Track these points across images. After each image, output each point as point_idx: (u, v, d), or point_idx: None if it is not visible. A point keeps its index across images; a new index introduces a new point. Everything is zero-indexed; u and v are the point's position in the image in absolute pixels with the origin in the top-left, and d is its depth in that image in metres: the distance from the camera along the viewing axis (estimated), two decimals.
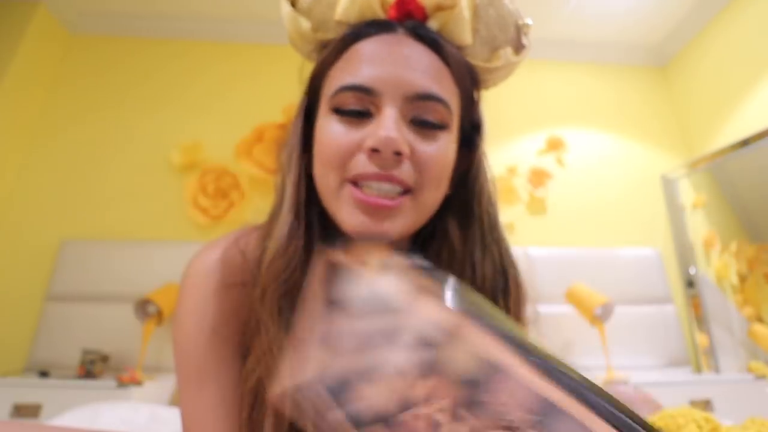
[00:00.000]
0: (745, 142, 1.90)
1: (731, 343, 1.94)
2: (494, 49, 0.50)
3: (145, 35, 2.28)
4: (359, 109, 0.42)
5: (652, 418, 0.41)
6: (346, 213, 0.42)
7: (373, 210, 0.41)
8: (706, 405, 1.44)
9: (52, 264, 1.84)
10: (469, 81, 0.48)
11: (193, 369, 0.43)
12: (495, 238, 0.50)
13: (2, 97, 1.88)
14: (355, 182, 0.41)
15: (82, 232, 1.92)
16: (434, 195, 0.44)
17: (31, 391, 1.36)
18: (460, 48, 0.47)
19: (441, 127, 0.43)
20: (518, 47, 0.50)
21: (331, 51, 0.46)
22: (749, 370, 1.77)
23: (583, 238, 2.15)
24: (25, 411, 1.31)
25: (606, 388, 0.56)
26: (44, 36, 2.10)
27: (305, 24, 0.48)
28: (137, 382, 1.42)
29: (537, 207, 2.20)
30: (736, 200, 2.06)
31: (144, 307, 1.65)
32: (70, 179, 2.00)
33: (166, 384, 1.55)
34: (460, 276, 0.47)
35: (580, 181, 2.26)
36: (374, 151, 0.40)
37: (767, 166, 1.87)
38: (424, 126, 0.42)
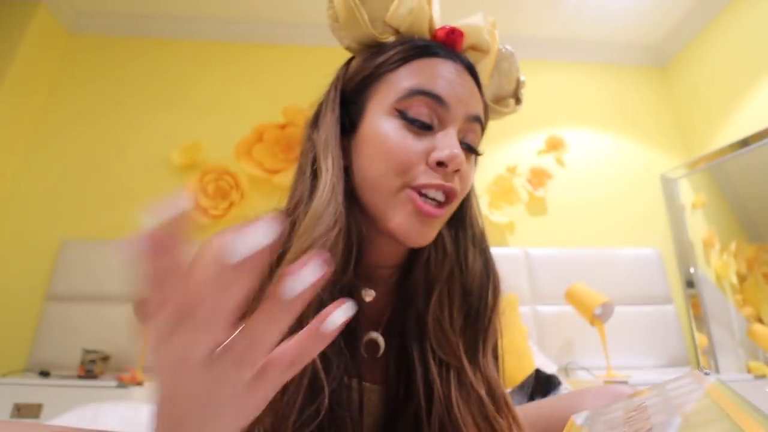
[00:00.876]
0: (744, 142, 1.91)
1: (731, 343, 1.94)
2: (497, 96, 0.57)
3: (145, 36, 2.28)
4: (427, 121, 0.45)
5: None
6: (401, 216, 0.45)
7: (425, 218, 0.45)
8: None
9: (53, 264, 1.84)
10: (486, 115, 0.53)
11: None
12: (483, 242, 0.55)
13: (2, 98, 1.88)
14: (418, 190, 0.45)
15: (82, 232, 1.92)
16: (455, 206, 0.49)
17: (31, 390, 1.36)
18: None
19: (476, 151, 0.50)
20: (517, 100, 0.58)
21: (394, 57, 0.48)
22: (749, 370, 1.78)
23: (582, 238, 2.15)
24: (25, 411, 1.32)
25: (605, 387, 0.56)
26: (44, 36, 2.10)
27: (366, 14, 0.49)
28: (138, 382, 1.42)
29: (537, 207, 2.20)
30: (736, 200, 2.06)
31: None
32: (71, 179, 2.00)
33: None
34: (453, 273, 0.51)
35: (580, 181, 2.26)
36: (440, 164, 0.44)
37: (767, 166, 1.87)
38: (467, 148, 0.48)
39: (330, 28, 0.52)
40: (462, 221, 0.54)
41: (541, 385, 1.12)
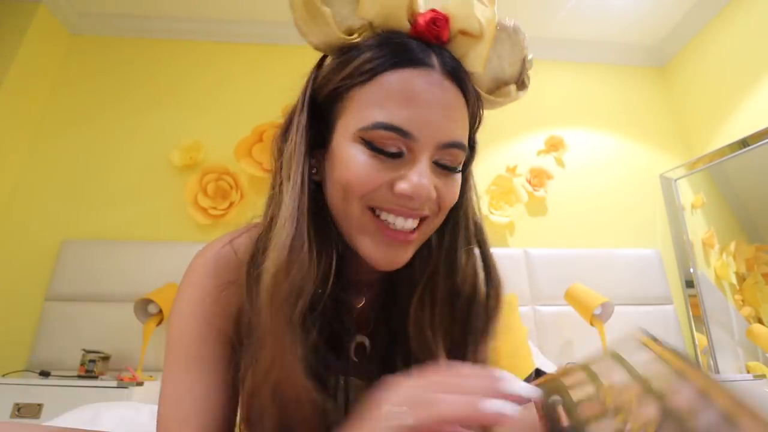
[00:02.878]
0: (744, 143, 1.91)
1: (730, 343, 1.94)
2: (498, 81, 0.50)
3: (145, 35, 2.29)
4: (394, 151, 0.41)
5: None
6: (368, 243, 0.44)
7: (395, 244, 0.43)
8: None
9: (53, 264, 1.84)
10: (478, 109, 0.49)
11: (182, 352, 0.45)
12: (480, 242, 0.52)
13: (3, 98, 1.89)
14: (374, 209, 0.43)
15: (82, 232, 1.92)
16: (440, 221, 0.47)
17: (31, 390, 1.36)
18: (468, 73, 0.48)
19: (456, 167, 0.45)
20: (521, 84, 0.50)
21: (362, 68, 0.43)
22: (748, 370, 1.78)
23: (582, 238, 2.15)
24: (25, 411, 1.32)
25: None
26: (45, 36, 2.10)
27: (330, 14, 0.44)
28: (138, 382, 1.42)
29: (537, 207, 2.20)
30: (735, 200, 2.06)
31: (144, 307, 1.65)
32: (71, 179, 2.00)
33: None
34: (437, 273, 0.49)
35: (580, 182, 2.26)
36: (404, 195, 0.41)
37: (766, 167, 1.87)
38: (443, 168, 0.44)
39: (300, 34, 0.47)
40: (451, 221, 0.51)
41: None
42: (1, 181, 1.90)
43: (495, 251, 0.53)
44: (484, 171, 2.19)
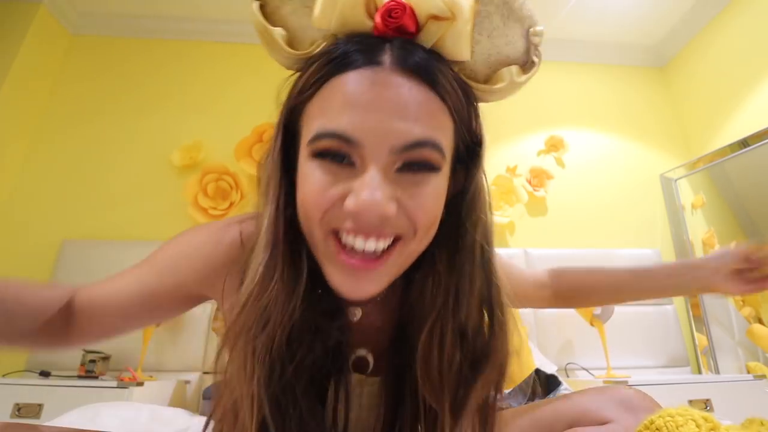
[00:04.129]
0: (744, 143, 1.91)
1: (730, 343, 1.94)
2: (499, 65, 0.43)
3: (145, 36, 2.29)
4: (343, 161, 0.38)
5: (650, 417, 0.41)
6: (329, 269, 0.41)
7: (358, 272, 0.39)
8: (705, 405, 1.44)
9: (53, 263, 1.84)
10: (466, 105, 0.42)
11: (151, 261, 0.53)
12: (486, 272, 0.45)
13: (3, 98, 1.88)
14: (341, 237, 0.39)
15: (83, 231, 1.92)
16: (425, 242, 0.42)
17: (31, 390, 1.36)
18: (455, 63, 0.42)
19: (432, 169, 0.39)
20: (526, 64, 0.42)
21: (309, 81, 0.40)
22: (748, 370, 1.78)
23: (582, 238, 2.15)
24: (25, 411, 1.32)
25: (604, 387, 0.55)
26: (45, 37, 2.10)
27: (279, 35, 0.42)
28: (138, 382, 1.42)
29: (537, 207, 2.20)
30: (735, 200, 2.06)
31: None
32: (71, 179, 2.00)
33: (167, 384, 1.55)
34: (447, 307, 0.43)
35: (580, 182, 2.26)
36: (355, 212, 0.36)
37: (766, 167, 1.87)
38: (414, 171, 0.38)
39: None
40: (458, 242, 0.44)
41: (541, 385, 1.12)
42: (1, 181, 1.90)
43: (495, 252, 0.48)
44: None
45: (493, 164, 2.22)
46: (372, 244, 0.38)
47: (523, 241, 2.11)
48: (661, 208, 2.25)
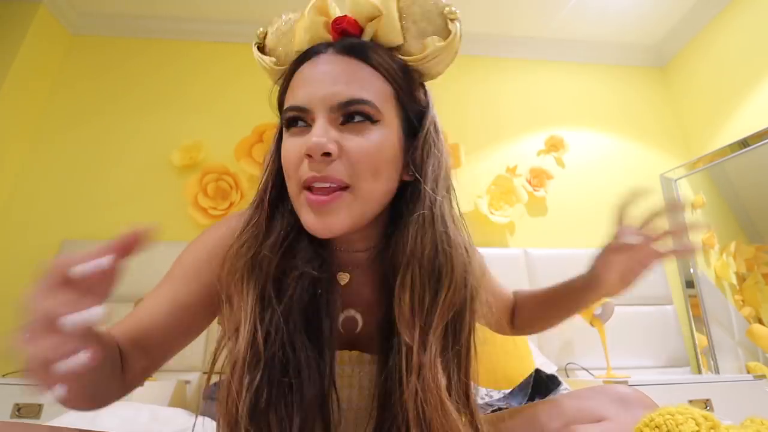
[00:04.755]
0: (744, 143, 1.91)
1: (730, 343, 1.94)
2: (426, 42, 0.53)
3: (145, 36, 2.29)
4: (302, 125, 0.49)
5: (650, 415, 0.41)
6: (302, 215, 0.49)
7: (316, 208, 0.47)
8: (705, 405, 1.44)
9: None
10: (403, 76, 0.52)
11: (171, 275, 0.57)
12: (442, 215, 0.51)
13: (3, 98, 1.89)
14: (307, 187, 0.48)
15: (82, 231, 1.92)
16: (373, 186, 0.49)
17: (31, 390, 1.36)
18: (395, 48, 0.53)
19: (370, 120, 0.48)
20: (445, 34, 0.52)
21: (285, 78, 0.54)
22: (748, 370, 1.78)
23: (582, 238, 2.15)
24: (25, 411, 1.32)
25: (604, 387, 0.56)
26: (45, 36, 2.10)
27: (269, 61, 0.58)
28: None
29: (537, 207, 2.20)
30: (735, 200, 2.06)
31: None
32: (71, 179, 2.00)
33: (167, 384, 1.55)
34: (414, 256, 0.49)
35: (580, 182, 2.26)
36: (308, 156, 0.46)
37: (766, 167, 1.87)
38: (353, 122, 0.48)
39: None
40: (418, 196, 0.51)
41: (541, 385, 1.12)
42: (1, 181, 1.90)
43: (495, 251, 0.52)
44: (484, 171, 2.19)
45: (493, 164, 2.22)
46: (325, 185, 0.47)
47: (523, 242, 2.11)
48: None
